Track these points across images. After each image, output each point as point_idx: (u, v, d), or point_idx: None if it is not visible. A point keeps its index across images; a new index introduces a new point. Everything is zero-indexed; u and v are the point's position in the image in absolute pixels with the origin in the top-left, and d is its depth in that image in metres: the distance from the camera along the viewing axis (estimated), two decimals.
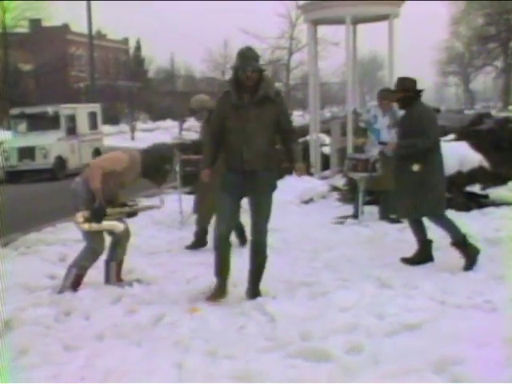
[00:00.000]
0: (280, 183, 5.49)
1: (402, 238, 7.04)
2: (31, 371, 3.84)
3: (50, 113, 18.71)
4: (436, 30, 60.42)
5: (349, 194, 9.42)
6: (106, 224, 5.46)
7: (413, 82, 6.08)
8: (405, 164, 5.91)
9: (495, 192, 9.00)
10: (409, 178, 5.87)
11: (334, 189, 10.29)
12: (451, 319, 4.40)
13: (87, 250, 5.58)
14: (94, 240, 5.52)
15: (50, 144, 17.94)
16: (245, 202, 5.23)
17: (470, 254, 5.85)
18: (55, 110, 18.90)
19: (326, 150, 12.01)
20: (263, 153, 4.91)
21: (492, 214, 8.07)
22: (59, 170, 18.04)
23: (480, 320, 4.38)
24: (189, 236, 7.31)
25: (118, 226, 5.57)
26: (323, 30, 19.19)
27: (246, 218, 5.60)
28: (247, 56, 4.90)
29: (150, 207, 7.13)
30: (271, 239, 5.27)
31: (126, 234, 5.71)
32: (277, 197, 5.24)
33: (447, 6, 47.64)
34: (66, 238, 7.97)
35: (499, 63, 52.54)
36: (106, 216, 5.41)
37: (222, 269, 5.14)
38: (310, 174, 11.12)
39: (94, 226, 5.39)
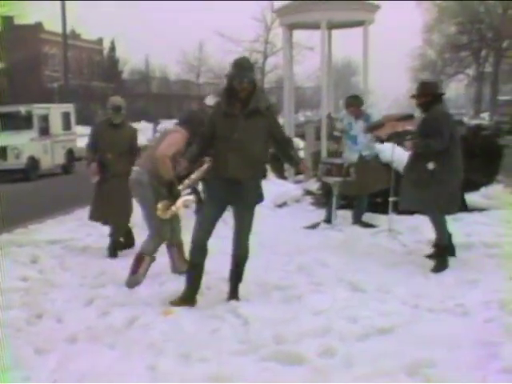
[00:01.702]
0: None
1: (375, 242, 7.10)
2: (1, 375, 3.78)
3: (22, 112, 18.47)
4: (410, 37, 61.13)
5: (322, 199, 9.46)
6: (181, 202, 5.52)
7: (433, 86, 6.31)
8: (419, 161, 6.06)
9: (467, 198, 9.11)
10: (421, 174, 6.02)
11: (308, 193, 10.32)
12: (424, 323, 4.46)
13: (152, 237, 5.77)
14: (159, 230, 5.72)
15: (23, 144, 17.72)
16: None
17: (441, 262, 5.99)
18: (28, 109, 18.67)
19: (301, 154, 12.04)
20: (249, 163, 4.91)
21: (464, 219, 8.16)
22: (32, 171, 17.84)
23: (452, 323, 4.45)
24: None
25: (189, 199, 5.66)
26: (298, 35, 19.29)
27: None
28: (245, 67, 4.91)
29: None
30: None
31: (176, 217, 5.85)
32: None
33: (420, 14, 48.23)
34: (38, 239, 7.90)
35: (471, 71, 53.31)
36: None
37: (193, 276, 5.12)
38: (283, 177, 11.16)
39: (174, 209, 5.48)
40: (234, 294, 5.15)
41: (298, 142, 12.72)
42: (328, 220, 8.24)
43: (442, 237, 6.09)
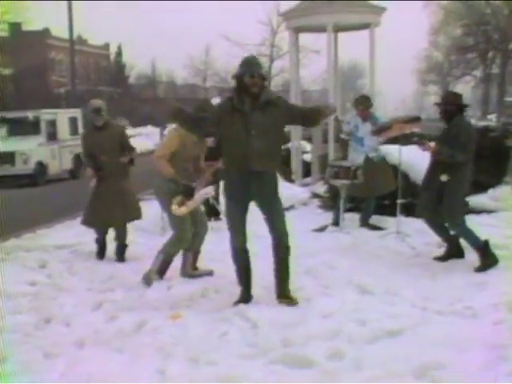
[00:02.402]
0: None
1: (383, 244, 7.09)
2: (10, 380, 3.79)
3: (30, 118, 18.54)
4: (416, 40, 61.03)
5: (330, 201, 9.45)
6: (198, 196, 5.65)
7: (456, 97, 6.36)
8: (436, 171, 6.16)
9: (475, 199, 9.08)
10: (437, 184, 6.12)
11: (315, 196, 10.31)
12: (432, 325, 4.44)
13: (175, 237, 5.85)
14: (181, 229, 5.78)
15: (31, 149, 17.78)
16: None
17: (487, 259, 6.05)
18: (36, 114, 18.73)
19: (308, 157, 12.05)
20: (268, 156, 4.94)
21: (472, 220, 8.11)
22: (39, 176, 17.88)
23: (460, 326, 4.43)
24: None
25: (207, 191, 5.79)
26: (304, 38, 19.29)
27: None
28: (254, 63, 5.03)
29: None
30: (254, 246, 5.27)
31: (205, 225, 6.02)
32: None
33: (426, 16, 48.20)
34: (46, 244, 7.92)
35: (478, 73, 53.18)
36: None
37: (244, 278, 5.18)
38: (291, 180, 11.15)
39: (191, 204, 5.58)
40: (284, 292, 5.12)
41: (305, 145, 12.71)
42: (336, 223, 8.23)
43: (475, 241, 6.14)
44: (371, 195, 8.18)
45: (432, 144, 6.29)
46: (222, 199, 6.02)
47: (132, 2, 55.91)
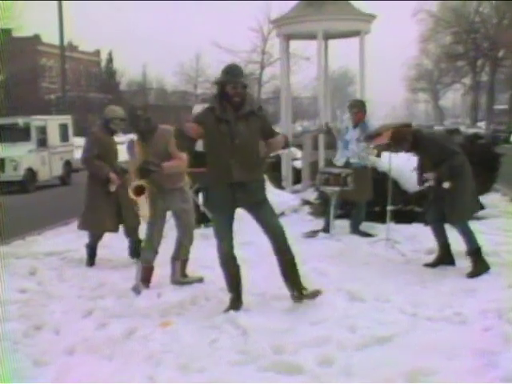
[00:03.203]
0: None
1: (373, 251, 7.10)
2: None
3: (20, 124, 18.49)
4: (406, 47, 61.44)
5: (320, 208, 9.47)
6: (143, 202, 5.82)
7: (406, 127, 6.54)
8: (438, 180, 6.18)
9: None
10: (439, 190, 6.16)
11: (306, 203, 10.32)
12: (422, 331, 4.46)
13: (144, 243, 6.02)
14: (147, 234, 5.93)
15: (21, 156, 17.73)
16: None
17: (479, 265, 6.05)
18: (26, 121, 18.69)
19: (298, 163, 12.07)
20: (252, 165, 4.98)
21: None
22: (29, 183, 17.84)
23: (450, 332, 4.44)
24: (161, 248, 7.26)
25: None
26: (295, 45, 19.35)
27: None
28: (237, 73, 5.01)
29: None
30: (244, 253, 5.28)
31: (188, 235, 6.05)
32: None
33: (416, 24, 48.47)
34: (36, 251, 7.90)
35: (467, 81, 53.53)
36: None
37: (234, 284, 5.19)
38: (281, 187, 11.16)
39: (141, 200, 5.79)
40: (298, 289, 5.12)
41: (296, 152, 12.73)
42: (326, 229, 8.24)
43: (473, 243, 6.16)
44: (361, 199, 8.18)
45: (428, 174, 6.31)
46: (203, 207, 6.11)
47: (123, 8, 55.86)
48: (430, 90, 64.19)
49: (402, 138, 6.35)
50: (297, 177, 11.76)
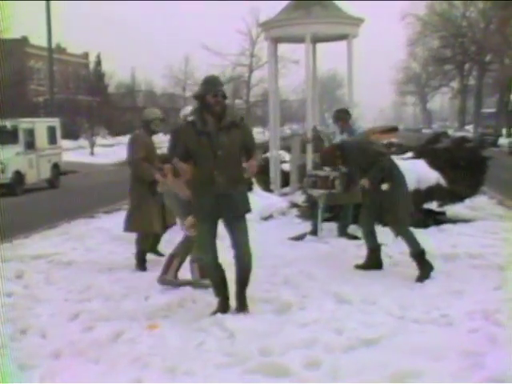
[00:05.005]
0: None
1: (361, 254, 7.10)
2: None
3: (8, 127, 18.35)
4: (394, 51, 61.68)
5: (308, 211, 9.48)
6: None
7: (327, 154, 6.82)
8: (375, 188, 6.26)
9: (452, 209, 9.19)
10: (376, 194, 6.25)
11: (294, 205, 10.34)
12: (409, 334, 4.47)
13: (186, 242, 5.94)
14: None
15: (8, 158, 17.60)
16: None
17: (425, 268, 6.06)
18: (13, 124, 18.54)
19: (286, 166, 12.08)
20: (235, 176, 5.01)
21: (449, 230, 8.23)
22: (17, 185, 17.70)
23: (437, 334, 4.46)
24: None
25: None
26: (283, 48, 19.36)
27: None
28: (216, 82, 5.08)
29: None
30: (231, 256, 5.27)
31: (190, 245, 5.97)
32: None
33: (404, 27, 48.68)
34: (23, 254, 7.85)
35: (455, 84, 53.86)
36: None
37: (220, 289, 5.20)
38: (269, 190, 11.17)
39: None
40: (242, 306, 5.16)
41: (284, 155, 12.76)
42: (314, 232, 8.25)
43: (416, 247, 6.19)
44: (348, 202, 8.19)
45: (363, 181, 6.38)
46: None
47: (111, 12, 55.76)
48: (418, 93, 64.56)
49: (331, 155, 6.60)
50: (285, 179, 11.78)
